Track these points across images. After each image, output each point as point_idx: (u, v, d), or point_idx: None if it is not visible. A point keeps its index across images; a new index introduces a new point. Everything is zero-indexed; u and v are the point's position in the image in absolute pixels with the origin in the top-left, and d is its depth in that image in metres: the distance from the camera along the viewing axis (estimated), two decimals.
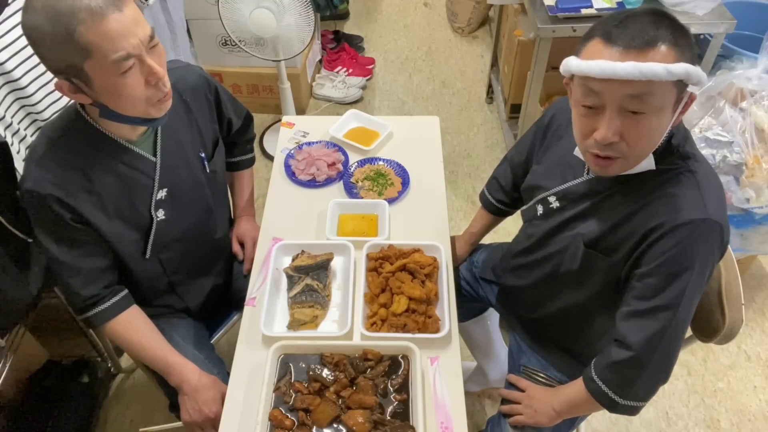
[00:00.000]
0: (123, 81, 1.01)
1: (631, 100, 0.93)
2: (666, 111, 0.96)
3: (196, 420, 1.26)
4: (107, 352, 1.96)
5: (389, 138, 1.73)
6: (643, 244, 1.03)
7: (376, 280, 1.32)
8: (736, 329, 1.20)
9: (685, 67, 0.90)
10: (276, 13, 2.12)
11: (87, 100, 1.05)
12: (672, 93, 0.94)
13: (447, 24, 3.76)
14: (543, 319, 1.37)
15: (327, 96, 3.18)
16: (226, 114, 1.45)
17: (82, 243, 1.18)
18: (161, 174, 1.24)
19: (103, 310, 1.24)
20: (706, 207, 0.99)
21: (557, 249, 1.22)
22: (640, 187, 1.06)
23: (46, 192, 1.10)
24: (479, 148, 2.91)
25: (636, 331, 1.05)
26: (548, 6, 2.09)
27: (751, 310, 2.22)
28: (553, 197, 1.22)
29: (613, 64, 0.90)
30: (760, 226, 1.95)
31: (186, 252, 1.38)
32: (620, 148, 0.98)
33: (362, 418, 1.09)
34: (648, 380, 1.07)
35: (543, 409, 1.25)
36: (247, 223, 1.60)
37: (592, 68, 0.93)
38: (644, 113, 0.94)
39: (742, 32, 2.22)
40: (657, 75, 0.89)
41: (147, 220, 1.26)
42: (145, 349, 1.29)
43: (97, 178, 1.15)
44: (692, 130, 1.86)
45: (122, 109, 1.07)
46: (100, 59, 0.96)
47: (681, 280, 1.00)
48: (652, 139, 0.99)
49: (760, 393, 1.99)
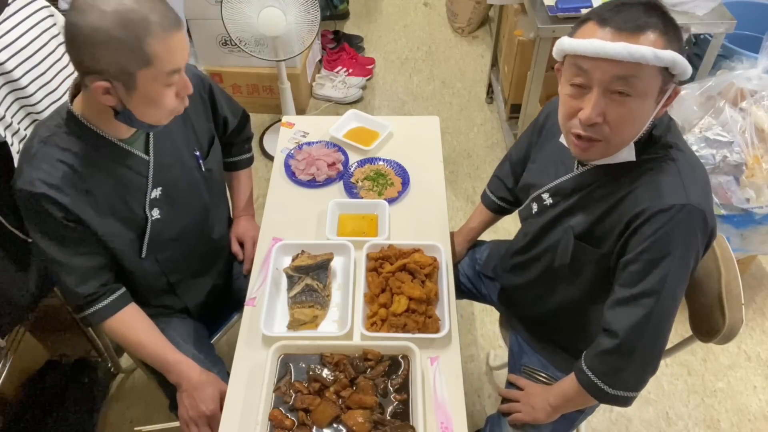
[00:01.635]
0: (165, 92, 1.07)
1: (618, 81, 0.96)
2: (649, 98, 0.98)
3: (192, 416, 1.26)
4: (107, 352, 1.96)
5: (389, 138, 1.73)
6: (627, 231, 1.05)
7: (376, 280, 1.32)
8: (736, 329, 1.20)
9: (673, 55, 0.93)
10: (285, 11, 2.14)
11: (112, 102, 1.06)
12: (657, 80, 0.96)
13: (447, 24, 3.76)
14: (542, 317, 1.37)
15: (327, 96, 3.18)
16: (221, 112, 1.45)
17: (75, 241, 1.18)
18: (155, 173, 1.24)
19: (100, 308, 1.24)
20: (687, 193, 1.00)
21: (550, 244, 1.23)
22: (624, 177, 1.07)
23: (38, 191, 1.09)
24: (479, 148, 2.91)
25: (621, 318, 1.06)
26: (548, 6, 2.09)
27: (751, 310, 2.22)
28: (546, 194, 1.23)
29: (603, 44, 0.94)
30: (760, 226, 1.95)
31: (184, 252, 1.38)
32: (602, 131, 1.01)
33: (362, 418, 1.09)
34: (635, 368, 1.08)
35: (540, 405, 1.25)
36: (246, 223, 1.60)
37: (584, 46, 0.96)
38: (629, 96, 0.97)
39: (742, 32, 2.22)
40: (645, 58, 0.93)
41: (142, 220, 1.26)
42: (144, 346, 1.29)
43: (89, 176, 1.15)
44: (692, 130, 1.86)
45: (146, 116, 1.10)
46: (157, 70, 1.02)
47: (662, 266, 1.01)
48: (633, 126, 1.01)
49: (760, 393, 1.99)
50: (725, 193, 1.85)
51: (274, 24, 2.15)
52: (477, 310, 2.23)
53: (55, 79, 1.50)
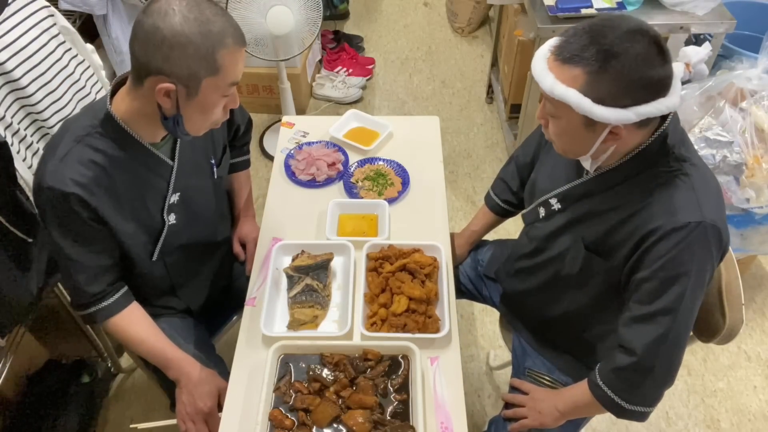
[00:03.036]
0: (220, 102, 1.12)
1: (546, 100, 1.01)
2: (575, 125, 0.99)
3: (189, 412, 1.26)
4: (107, 352, 1.96)
5: (389, 138, 1.73)
6: (641, 248, 1.03)
7: (376, 280, 1.32)
8: (736, 329, 1.20)
9: (570, 94, 0.94)
10: (291, 8, 2.16)
11: (169, 105, 1.08)
12: (574, 113, 0.96)
13: (447, 24, 3.76)
14: (547, 321, 1.36)
15: (327, 96, 3.18)
16: (236, 120, 1.49)
17: (93, 241, 1.19)
18: (176, 178, 1.25)
19: (105, 306, 1.25)
20: (702, 210, 0.99)
21: (559, 252, 1.21)
22: (637, 190, 1.06)
23: (69, 191, 1.10)
24: (479, 148, 2.91)
25: (638, 336, 1.05)
26: (548, 6, 2.09)
27: (751, 310, 2.22)
28: (554, 199, 1.21)
29: (535, 60, 0.99)
30: (760, 226, 1.95)
31: (190, 255, 1.39)
32: (548, 133, 1.07)
33: (362, 418, 1.09)
34: (653, 384, 1.07)
35: (547, 410, 1.24)
36: (248, 225, 1.60)
37: (536, 54, 1.01)
38: (555, 117, 1.01)
39: (742, 32, 2.22)
40: (543, 87, 0.97)
41: (159, 224, 1.27)
42: (144, 343, 1.29)
43: (118, 178, 1.16)
44: (692, 130, 1.86)
45: (193, 124, 1.13)
46: (221, 79, 1.07)
47: (679, 284, 1.00)
48: (571, 143, 1.04)
49: (760, 393, 1.99)
50: (725, 193, 1.85)
51: (283, 22, 2.17)
52: (477, 310, 2.23)
53: (55, 79, 1.50)
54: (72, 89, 1.55)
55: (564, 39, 0.96)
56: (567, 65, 0.94)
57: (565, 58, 0.94)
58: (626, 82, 0.92)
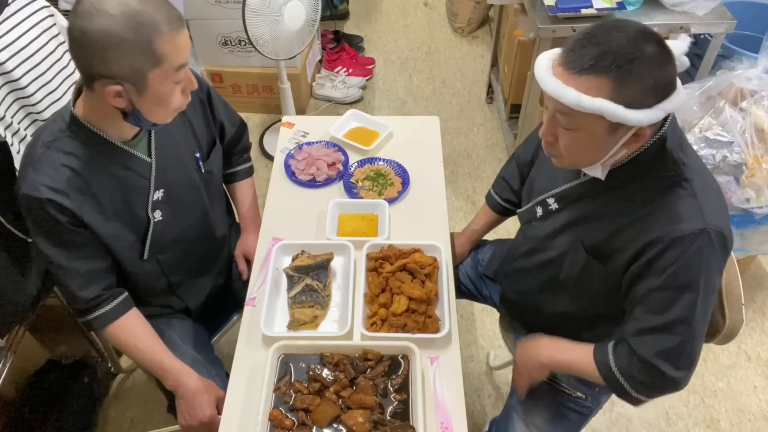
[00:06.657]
0: (174, 89, 1.08)
1: (561, 114, 0.97)
2: (598, 134, 0.97)
3: (191, 424, 1.27)
4: (107, 352, 1.96)
5: (389, 138, 1.73)
6: (644, 257, 1.02)
7: (376, 280, 1.32)
8: (736, 329, 1.20)
9: (601, 104, 0.90)
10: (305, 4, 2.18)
11: (123, 104, 1.06)
12: (599, 122, 0.94)
13: (447, 24, 3.76)
14: (545, 322, 1.36)
15: (327, 96, 3.18)
16: (218, 117, 1.44)
17: (79, 245, 1.18)
18: (157, 175, 1.24)
19: (104, 313, 1.24)
20: (705, 217, 0.98)
21: (557, 254, 1.21)
22: (636, 195, 1.05)
23: (43, 196, 1.09)
24: (479, 148, 2.91)
25: (654, 345, 1.04)
26: (548, 6, 2.09)
27: (751, 310, 2.22)
28: (551, 199, 1.21)
29: (544, 76, 0.95)
30: (760, 226, 1.95)
31: (185, 252, 1.38)
32: (556, 149, 1.04)
33: (362, 418, 1.09)
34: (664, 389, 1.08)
35: (530, 363, 1.25)
36: (252, 239, 1.54)
37: (536, 71, 0.97)
38: (573, 129, 0.98)
39: (742, 32, 2.22)
40: (567, 101, 0.92)
41: (144, 222, 1.26)
42: (141, 352, 1.29)
43: (93, 180, 1.15)
44: (692, 130, 1.86)
45: (154, 115, 1.10)
46: (167, 68, 1.04)
47: (690, 293, 1.00)
48: (586, 154, 1.02)
49: (760, 393, 1.99)
50: (725, 193, 1.85)
51: (298, 15, 2.20)
52: (477, 310, 2.23)
53: (55, 79, 1.50)
54: (71, 89, 1.55)
55: (571, 50, 0.93)
56: (585, 76, 0.91)
57: (582, 69, 0.91)
58: (649, 83, 0.92)
